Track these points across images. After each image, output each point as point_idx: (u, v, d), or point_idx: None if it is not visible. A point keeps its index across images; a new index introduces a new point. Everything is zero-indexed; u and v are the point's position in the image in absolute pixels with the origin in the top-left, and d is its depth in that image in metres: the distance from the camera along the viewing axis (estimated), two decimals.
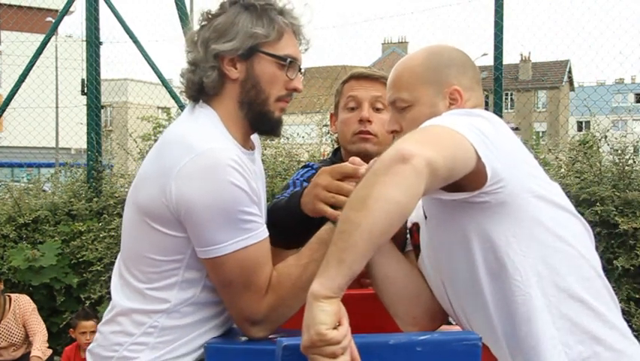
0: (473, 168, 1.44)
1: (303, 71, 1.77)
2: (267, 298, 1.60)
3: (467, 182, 1.46)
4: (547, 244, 1.54)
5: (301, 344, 1.28)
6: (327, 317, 1.27)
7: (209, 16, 1.72)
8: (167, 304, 1.63)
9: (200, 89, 1.71)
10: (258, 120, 1.72)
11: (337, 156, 2.43)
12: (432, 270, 1.71)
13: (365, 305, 1.81)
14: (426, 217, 1.69)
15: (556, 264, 1.54)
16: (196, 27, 1.74)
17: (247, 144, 1.75)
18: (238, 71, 1.69)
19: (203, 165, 1.53)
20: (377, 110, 2.31)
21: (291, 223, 1.82)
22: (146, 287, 1.64)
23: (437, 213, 1.63)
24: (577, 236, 1.60)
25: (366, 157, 1.87)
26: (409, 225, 1.80)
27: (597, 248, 1.75)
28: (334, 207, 1.67)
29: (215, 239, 1.56)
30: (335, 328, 1.27)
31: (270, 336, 1.62)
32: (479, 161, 1.43)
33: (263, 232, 1.61)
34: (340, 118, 2.38)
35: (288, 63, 1.70)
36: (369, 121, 2.29)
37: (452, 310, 1.69)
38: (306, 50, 1.78)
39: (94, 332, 4.65)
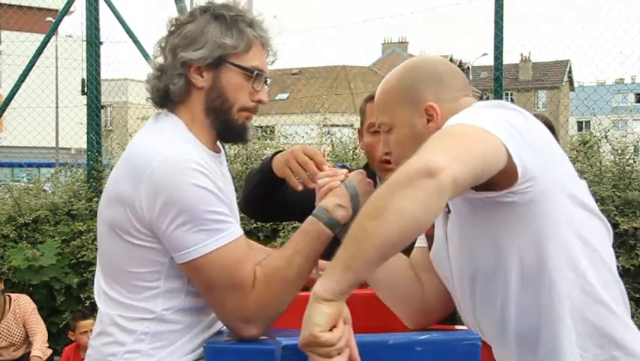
0: (504, 167, 1.40)
1: (269, 82, 1.77)
2: (254, 294, 1.58)
3: (497, 180, 1.43)
4: (574, 246, 1.52)
5: (299, 341, 1.28)
6: (322, 319, 1.26)
7: (179, 22, 1.72)
8: (154, 313, 1.63)
9: (166, 96, 1.71)
10: (224, 128, 1.73)
11: (370, 174, 2.47)
12: (446, 262, 1.68)
13: (365, 305, 1.81)
14: (448, 211, 1.66)
15: (583, 268, 1.52)
16: (164, 33, 1.75)
17: (214, 148, 1.76)
18: (204, 80, 1.69)
19: (167, 171, 1.54)
20: None
21: (264, 187, 2.19)
22: (131, 300, 1.64)
23: (462, 209, 1.60)
24: (601, 239, 1.59)
25: None
26: None
27: None
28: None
29: (188, 242, 1.55)
30: (330, 330, 1.27)
31: (263, 337, 1.61)
32: (510, 159, 1.40)
33: (237, 231, 1.60)
34: (365, 140, 2.42)
35: (255, 75, 1.71)
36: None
37: (459, 303, 1.69)
38: (272, 62, 1.80)
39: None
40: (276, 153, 2.19)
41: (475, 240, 1.58)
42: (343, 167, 2.55)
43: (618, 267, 4.87)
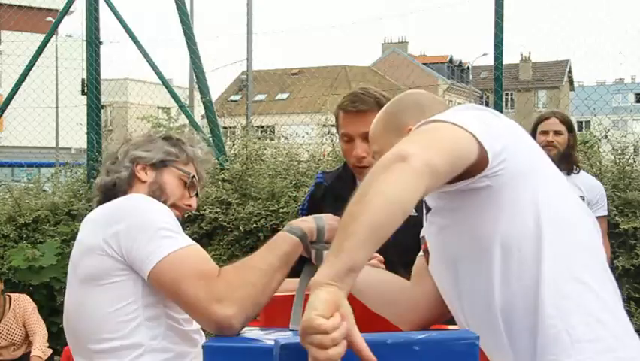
0: (476, 158, 1.46)
1: (199, 196, 2.11)
2: (221, 277, 1.66)
3: (471, 170, 1.48)
4: (552, 225, 1.55)
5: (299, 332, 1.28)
6: (319, 303, 1.26)
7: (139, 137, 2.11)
8: (142, 346, 1.76)
9: (112, 188, 2.01)
10: None
11: (349, 171, 2.65)
12: (438, 264, 1.72)
13: (363, 305, 1.81)
14: (428, 210, 1.73)
15: (562, 247, 1.54)
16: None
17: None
18: (147, 176, 2.02)
19: (126, 205, 1.83)
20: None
21: None
22: (118, 340, 1.76)
23: (442, 206, 1.66)
24: (581, 222, 1.62)
25: None
26: (421, 234, 1.85)
27: None
28: None
29: (149, 251, 1.70)
30: (328, 318, 1.25)
31: (262, 336, 1.62)
32: (481, 148, 1.47)
33: (189, 242, 1.75)
34: (341, 144, 2.62)
35: (190, 179, 2.05)
36: (362, 157, 2.48)
37: (446, 298, 1.73)
38: (195, 194, 2.09)
39: None
40: None
41: (456, 230, 1.63)
42: (321, 176, 2.74)
43: (618, 267, 4.86)
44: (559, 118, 4.07)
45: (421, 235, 1.83)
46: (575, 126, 4.24)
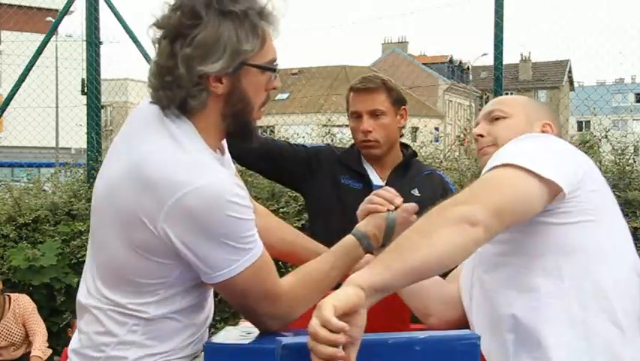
0: (546, 203, 1.58)
1: (278, 67, 1.66)
2: (284, 299, 1.61)
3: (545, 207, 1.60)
4: (607, 261, 1.63)
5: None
6: (343, 294, 1.31)
7: (182, 24, 1.54)
8: (147, 314, 1.61)
9: (182, 106, 1.58)
10: (239, 130, 1.66)
11: (356, 149, 2.85)
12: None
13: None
14: None
15: (608, 282, 1.62)
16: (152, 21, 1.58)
17: (220, 148, 1.70)
18: (224, 86, 1.57)
19: (200, 202, 1.47)
20: (376, 116, 2.71)
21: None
22: (126, 301, 1.61)
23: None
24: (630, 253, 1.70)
25: (376, 158, 2.76)
26: None
27: None
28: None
29: (219, 265, 1.52)
30: (340, 314, 1.27)
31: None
32: (554, 188, 1.57)
33: (260, 244, 1.58)
34: (349, 124, 2.83)
35: (274, 69, 1.63)
36: (369, 131, 2.70)
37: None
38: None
39: None
40: None
41: (502, 245, 1.69)
42: (328, 145, 2.98)
43: None
44: None
45: None
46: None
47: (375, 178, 2.72)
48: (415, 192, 2.65)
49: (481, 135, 1.92)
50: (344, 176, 2.74)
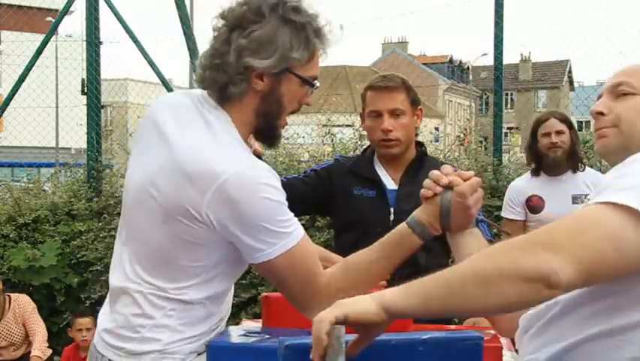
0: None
1: (317, 86, 1.78)
2: (325, 289, 1.64)
3: None
4: None
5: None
6: (360, 309, 1.25)
7: (245, 18, 1.65)
8: (186, 296, 1.68)
9: (222, 91, 1.69)
10: (266, 130, 1.76)
11: (368, 154, 2.82)
12: None
13: None
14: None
15: None
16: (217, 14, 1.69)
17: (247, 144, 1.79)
18: (264, 84, 1.68)
19: (239, 186, 1.57)
20: (397, 116, 2.67)
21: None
22: (166, 284, 1.68)
23: None
24: None
25: (392, 158, 2.71)
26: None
27: None
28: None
29: (260, 247, 1.61)
30: (338, 323, 1.24)
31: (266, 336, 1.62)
32: None
33: (301, 231, 1.65)
34: (366, 123, 2.77)
35: (313, 86, 1.75)
36: (390, 130, 2.66)
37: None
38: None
39: (90, 329, 4.67)
40: None
41: None
42: (339, 156, 2.88)
43: None
44: (558, 118, 4.08)
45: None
46: (576, 126, 4.23)
47: (388, 182, 2.71)
48: None
49: (601, 113, 1.56)
50: (357, 187, 2.72)
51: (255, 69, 1.65)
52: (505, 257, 1.21)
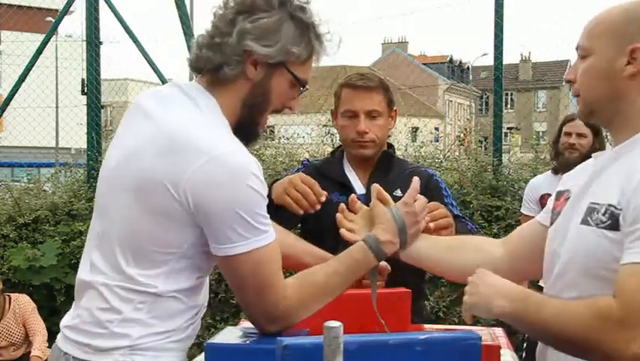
0: None
1: (305, 89, 1.78)
2: (287, 299, 1.61)
3: None
4: None
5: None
6: (482, 274, 1.50)
7: (254, 4, 1.66)
8: (155, 288, 1.62)
9: (215, 72, 1.67)
10: (247, 125, 1.72)
11: (337, 156, 2.66)
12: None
13: (364, 305, 1.81)
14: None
15: None
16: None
17: None
18: (256, 73, 1.67)
19: (224, 167, 1.53)
20: (373, 117, 2.54)
21: None
22: (136, 273, 1.62)
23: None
24: None
25: (363, 160, 2.56)
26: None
27: None
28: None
29: (232, 238, 1.56)
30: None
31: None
32: None
33: (273, 233, 1.62)
34: (339, 122, 2.61)
35: (303, 88, 1.74)
36: (365, 132, 2.52)
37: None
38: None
39: None
40: (274, 181, 2.32)
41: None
42: (307, 161, 2.78)
43: None
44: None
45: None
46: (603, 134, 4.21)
47: (358, 186, 2.57)
48: (398, 192, 2.38)
49: (570, 81, 1.61)
50: (330, 192, 2.40)
51: (253, 54, 1.65)
52: (582, 326, 1.37)
